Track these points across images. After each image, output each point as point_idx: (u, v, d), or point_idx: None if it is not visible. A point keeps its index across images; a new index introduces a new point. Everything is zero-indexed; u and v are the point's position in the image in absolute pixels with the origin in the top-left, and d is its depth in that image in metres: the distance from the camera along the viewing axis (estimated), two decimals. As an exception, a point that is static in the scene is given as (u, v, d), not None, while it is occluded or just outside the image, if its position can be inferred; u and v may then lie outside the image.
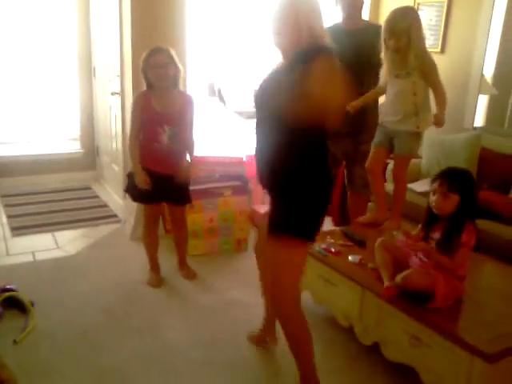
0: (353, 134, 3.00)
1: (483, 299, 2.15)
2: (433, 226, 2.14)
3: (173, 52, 2.65)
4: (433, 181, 2.11)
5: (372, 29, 2.98)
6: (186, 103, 2.72)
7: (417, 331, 1.98)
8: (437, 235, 2.10)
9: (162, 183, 2.72)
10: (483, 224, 2.77)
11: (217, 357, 2.31)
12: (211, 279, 3.02)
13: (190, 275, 3.00)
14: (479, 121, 4.43)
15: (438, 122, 2.60)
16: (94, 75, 4.64)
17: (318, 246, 2.54)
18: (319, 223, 1.89)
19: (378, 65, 2.88)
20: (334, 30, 2.89)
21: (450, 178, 2.05)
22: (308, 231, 1.86)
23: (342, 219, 3.74)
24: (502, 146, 3.42)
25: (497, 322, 1.95)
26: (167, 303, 2.75)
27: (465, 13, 3.91)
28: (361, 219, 2.95)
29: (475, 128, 3.86)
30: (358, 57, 2.80)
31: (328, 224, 3.87)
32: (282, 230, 1.83)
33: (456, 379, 1.85)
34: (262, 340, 2.40)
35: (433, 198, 2.09)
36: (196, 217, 3.29)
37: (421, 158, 3.71)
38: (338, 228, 2.93)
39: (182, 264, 3.04)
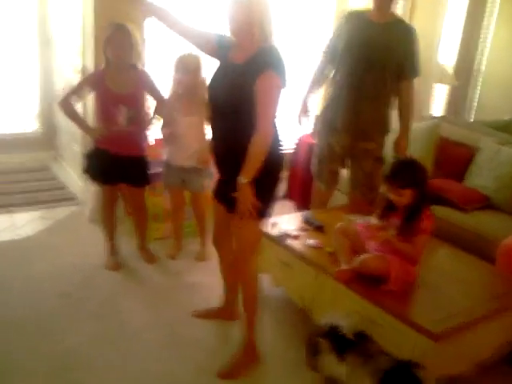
0: (348, 129, 2.83)
1: (435, 282, 2.23)
2: (392, 212, 2.20)
3: (136, 33, 2.59)
4: (384, 180, 2.17)
5: (403, 26, 2.76)
6: (141, 82, 2.67)
7: (370, 312, 2.05)
8: (396, 221, 2.16)
9: (121, 164, 2.68)
10: (437, 211, 2.88)
11: (174, 339, 2.32)
12: (171, 262, 3.01)
13: (150, 259, 2.98)
14: (441, 110, 4.57)
15: None
16: (55, 51, 4.47)
17: (278, 229, 2.58)
18: (275, 200, 2.06)
19: (404, 68, 2.73)
20: (359, 18, 2.76)
21: (398, 178, 2.10)
22: (268, 211, 2.03)
23: (303, 203, 3.77)
24: (458, 135, 3.53)
25: (446, 304, 2.05)
26: (125, 286, 2.73)
27: (427, 3, 3.99)
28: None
29: (434, 117, 3.96)
30: (384, 54, 2.68)
31: (290, 208, 3.91)
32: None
33: (404, 357, 1.92)
34: (211, 316, 2.48)
35: (390, 195, 2.14)
36: (157, 200, 3.26)
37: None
38: (297, 213, 2.96)
39: (142, 248, 3.02)
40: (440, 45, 4.06)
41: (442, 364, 1.91)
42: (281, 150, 2.03)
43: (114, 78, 2.60)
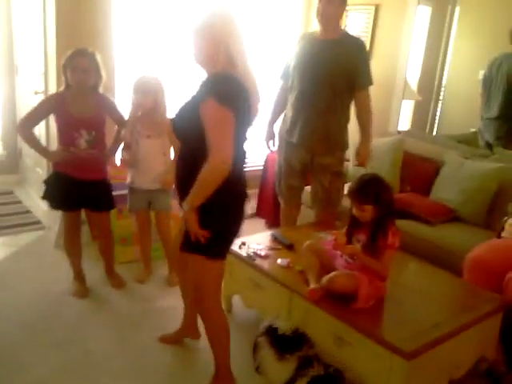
0: (305, 145, 2.89)
1: (404, 298, 2.23)
2: (358, 228, 2.21)
3: (98, 56, 2.57)
4: (348, 194, 2.21)
5: (350, 40, 2.83)
6: (102, 106, 2.65)
7: (340, 331, 2.03)
8: (362, 237, 2.18)
9: (83, 189, 2.62)
10: (404, 225, 2.91)
11: (142, 366, 2.26)
12: (140, 287, 2.94)
13: (118, 284, 2.91)
14: (406, 125, 4.66)
15: None
16: (17, 73, 4.39)
17: (248, 249, 2.55)
18: (230, 241, 1.95)
19: (355, 79, 2.78)
20: (308, 38, 2.88)
21: (361, 192, 2.14)
22: (217, 251, 1.91)
23: (274, 220, 3.76)
24: (422, 149, 3.59)
25: (416, 320, 2.04)
26: (92, 314, 2.65)
27: (390, 20, 4.09)
28: None
29: (399, 132, 4.03)
30: (330, 69, 2.74)
31: (260, 226, 3.90)
32: (192, 250, 1.88)
33: (377, 376, 1.91)
34: (177, 339, 2.43)
35: (354, 210, 2.18)
36: (125, 222, 3.20)
37: (349, 161, 3.81)
38: (267, 231, 2.95)
39: (110, 272, 2.95)
40: (404, 61, 4.15)
41: (415, 382, 1.91)
42: (238, 186, 1.89)
43: (75, 102, 2.56)
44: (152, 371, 2.23)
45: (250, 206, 4.21)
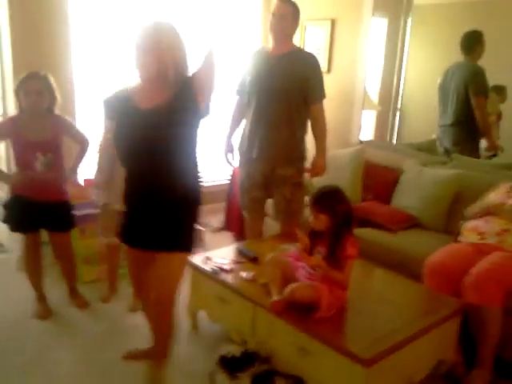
0: (265, 158, 2.93)
1: (365, 306, 2.26)
2: (318, 240, 2.25)
3: (51, 79, 2.57)
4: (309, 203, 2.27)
5: (301, 55, 2.88)
6: (58, 128, 2.64)
7: (303, 341, 2.06)
8: (323, 249, 2.21)
9: (41, 210, 2.60)
10: (366, 233, 2.98)
11: (108, 387, 2.23)
12: (105, 306, 2.91)
13: (81, 304, 2.88)
14: (370, 135, 4.77)
15: None
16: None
17: (212, 264, 2.56)
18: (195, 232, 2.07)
19: (308, 93, 2.82)
20: (260, 54, 2.92)
21: (317, 202, 2.20)
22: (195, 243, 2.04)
23: (242, 234, 3.77)
24: (383, 158, 3.68)
25: (376, 327, 2.07)
26: (56, 336, 2.61)
27: (346, 34, 4.20)
28: None
29: (360, 142, 4.12)
30: (283, 83, 2.78)
31: (229, 239, 3.91)
32: (180, 247, 1.98)
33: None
34: (143, 356, 2.36)
35: (310, 218, 2.24)
36: (89, 242, 3.16)
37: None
38: (232, 245, 2.96)
39: (73, 293, 2.91)
40: (362, 73, 4.25)
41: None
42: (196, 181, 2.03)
43: (29, 126, 2.55)
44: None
45: (219, 220, 4.23)
